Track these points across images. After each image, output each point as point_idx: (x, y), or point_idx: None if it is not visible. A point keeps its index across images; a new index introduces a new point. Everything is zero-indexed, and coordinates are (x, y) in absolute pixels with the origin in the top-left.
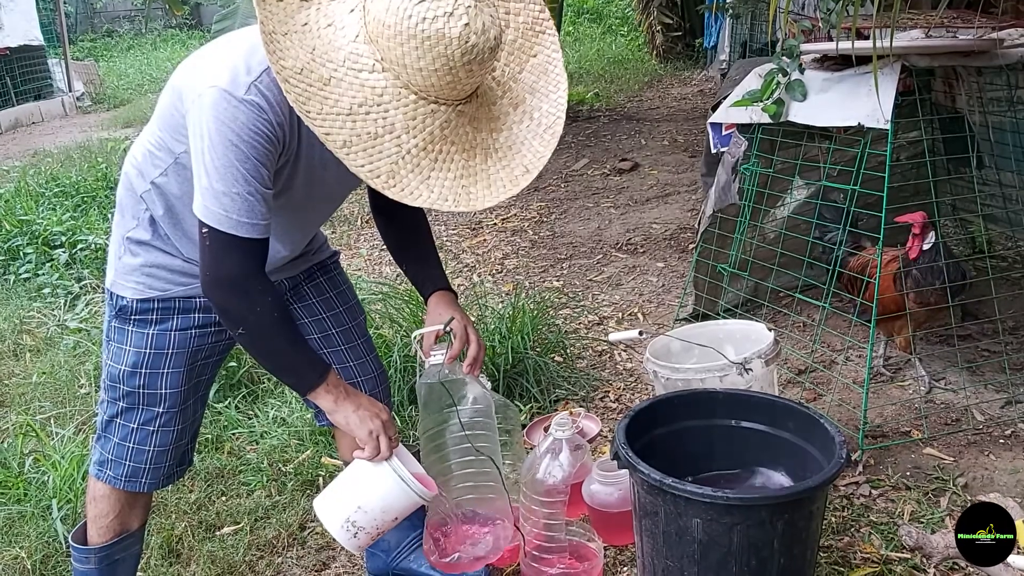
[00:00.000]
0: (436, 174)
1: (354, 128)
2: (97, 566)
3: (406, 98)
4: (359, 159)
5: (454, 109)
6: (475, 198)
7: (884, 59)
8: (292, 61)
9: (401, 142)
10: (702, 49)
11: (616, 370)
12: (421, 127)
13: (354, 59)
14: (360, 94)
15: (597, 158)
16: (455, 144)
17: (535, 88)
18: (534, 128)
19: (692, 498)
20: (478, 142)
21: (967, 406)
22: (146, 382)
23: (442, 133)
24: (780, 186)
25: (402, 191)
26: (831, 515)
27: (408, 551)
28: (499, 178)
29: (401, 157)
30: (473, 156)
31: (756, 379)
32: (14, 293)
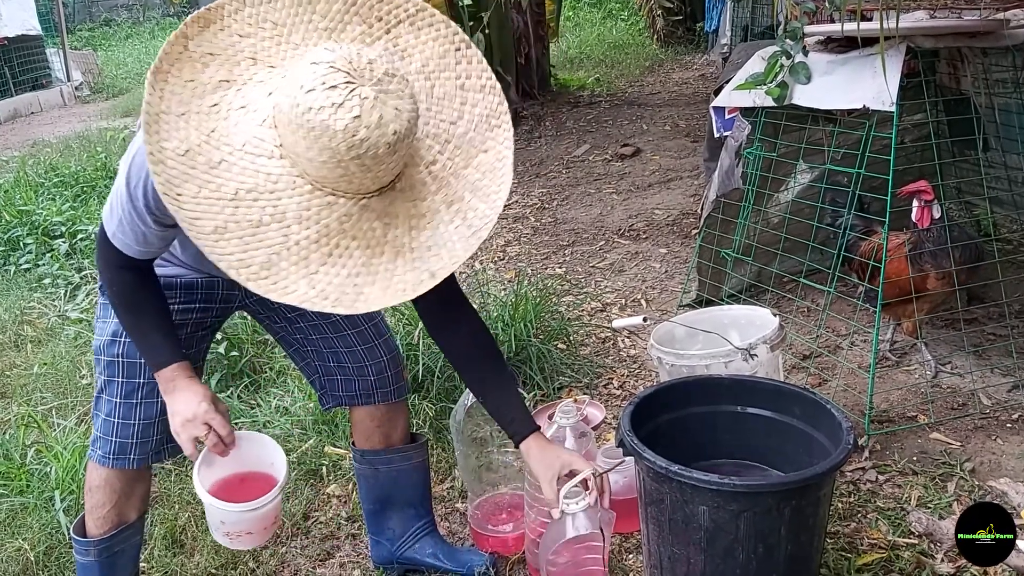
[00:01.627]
0: (327, 269)
1: (234, 214)
2: (97, 558)
3: (301, 187)
4: (229, 247)
5: (356, 203)
6: (365, 299)
7: (889, 41)
8: (177, 142)
9: (289, 232)
10: (703, 33)
11: (620, 357)
12: (316, 219)
13: (255, 143)
14: (252, 179)
15: (598, 144)
16: (357, 240)
17: (477, 186)
18: (463, 230)
19: (698, 485)
20: (389, 239)
21: (974, 390)
22: (125, 351)
23: (340, 227)
24: (784, 170)
25: (274, 284)
26: (838, 501)
27: (413, 541)
28: (403, 280)
29: (286, 248)
30: (379, 254)
31: (761, 365)
32: (14, 284)
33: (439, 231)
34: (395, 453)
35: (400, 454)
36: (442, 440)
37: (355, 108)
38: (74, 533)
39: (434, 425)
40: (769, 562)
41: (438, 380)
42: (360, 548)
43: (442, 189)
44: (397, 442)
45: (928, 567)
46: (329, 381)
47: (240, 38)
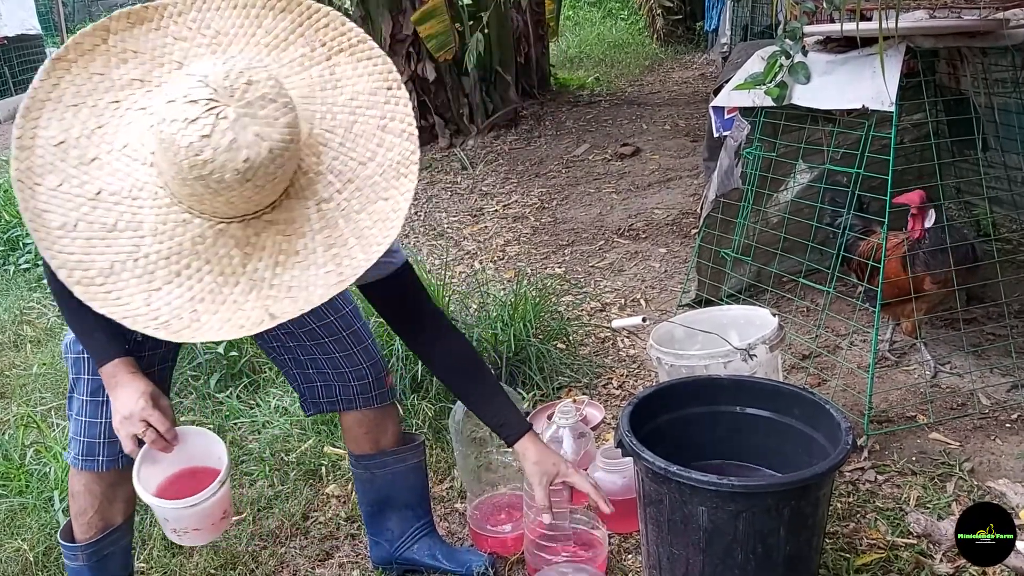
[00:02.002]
0: (170, 288)
1: (90, 214)
2: (86, 562)
3: (162, 199)
4: (73, 246)
5: (212, 226)
6: (197, 327)
7: (888, 40)
8: (55, 132)
9: (141, 243)
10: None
11: (619, 357)
12: (170, 234)
13: (136, 147)
14: (120, 182)
15: (598, 143)
16: (211, 264)
17: (364, 234)
18: (332, 277)
19: (697, 486)
20: (247, 271)
21: (973, 390)
22: None
23: (193, 248)
24: (783, 170)
25: (108, 292)
26: (837, 501)
27: (411, 541)
28: (246, 316)
29: (133, 259)
30: (233, 284)
31: (760, 365)
32: (14, 284)
33: (308, 272)
34: (390, 456)
35: (395, 456)
36: (441, 440)
37: (207, 127)
38: (61, 538)
39: (433, 425)
40: (768, 562)
41: (437, 380)
42: (359, 548)
43: (326, 229)
44: (388, 446)
45: (927, 567)
46: (309, 388)
47: (175, 40)
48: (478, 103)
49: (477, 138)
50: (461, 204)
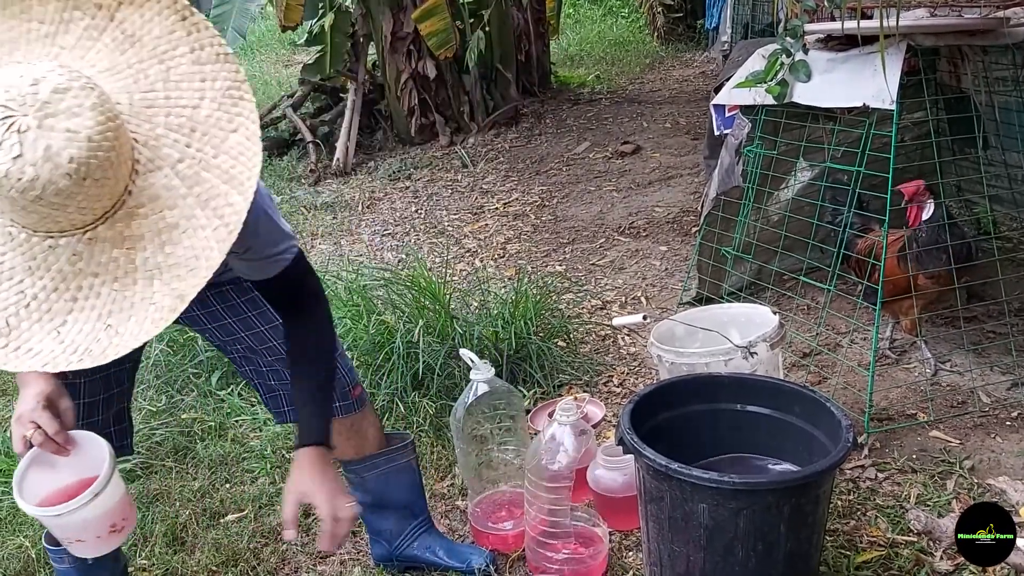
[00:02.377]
0: (75, 316)
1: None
2: (72, 564)
3: (17, 237)
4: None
5: (80, 239)
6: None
7: (889, 39)
8: None
9: (24, 287)
10: (703, 31)
11: (620, 355)
12: (45, 267)
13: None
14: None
15: (599, 141)
16: (100, 275)
17: (232, 175)
18: (222, 231)
19: (698, 483)
20: (139, 264)
21: (973, 388)
22: None
23: (74, 268)
24: (784, 168)
25: (16, 348)
26: (837, 499)
27: (411, 539)
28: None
29: (24, 306)
30: (131, 283)
31: (761, 363)
32: None
33: (198, 238)
34: (379, 458)
35: (384, 458)
36: (442, 438)
37: (15, 147)
38: (46, 541)
39: (434, 423)
40: (768, 560)
41: (438, 378)
42: (360, 545)
43: (195, 187)
44: (372, 449)
45: (927, 565)
46: (272, 398)
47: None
48: (479, 101)
49: (478, 136)
50: (462, 202)
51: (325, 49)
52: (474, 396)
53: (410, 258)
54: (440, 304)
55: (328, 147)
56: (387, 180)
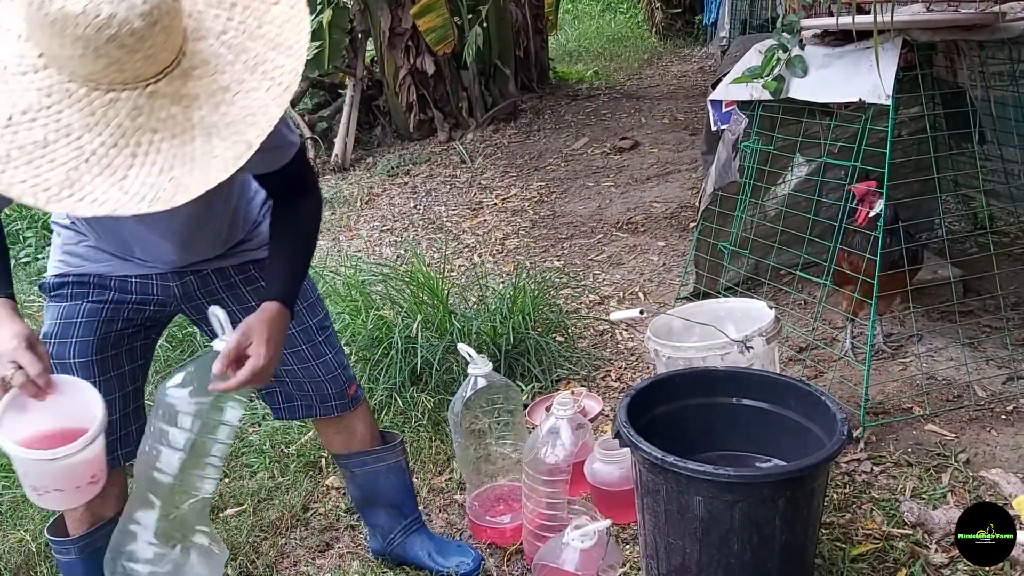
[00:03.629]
0: (136, 171)
1: (14, 140)
2: (79, 555)
3: (77, 92)
4: (19, 175)
5: (142, 93)
6: (184, 189)
7: (885, 34)
8: None
9: (82, 144)
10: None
11: (617, 349)
12: (104, 122)
13: (16, 62)
14: (24, 99)
15: (597, 137)
16: (159, 132)
17: (278, 42)
18: (275, 90)
19: (694, 476)
20: (196, 121)
21: (969, 382)
22: (54, 352)
23: (134, 123)
24: (781, 163)
25: (80, 200)
26: (833, 492)
27: (402, 537)
28: (222, 158)
29: (83, 161)
30: (191, 139)
31: (757, 357)
32: (15, 277)
33: (250, 99)
34: (367, 455)
35: (373, 456)
36: (440, 432)
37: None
38: (49, 534)
39: (432, 417)
40: (764, 552)
41: (436, 372)
42: (359, 540)
43: (240, 56)
44: (362, 447)
45: (922, 557)
46: (268, 395)
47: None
48: (477, 97)
49: (476, 132)
50: (460, 197)
51: (323, 45)
52: (472, 391)
53: (408, 253)
54: (438, 299)
55: (327, 143)
56: (385, 176)
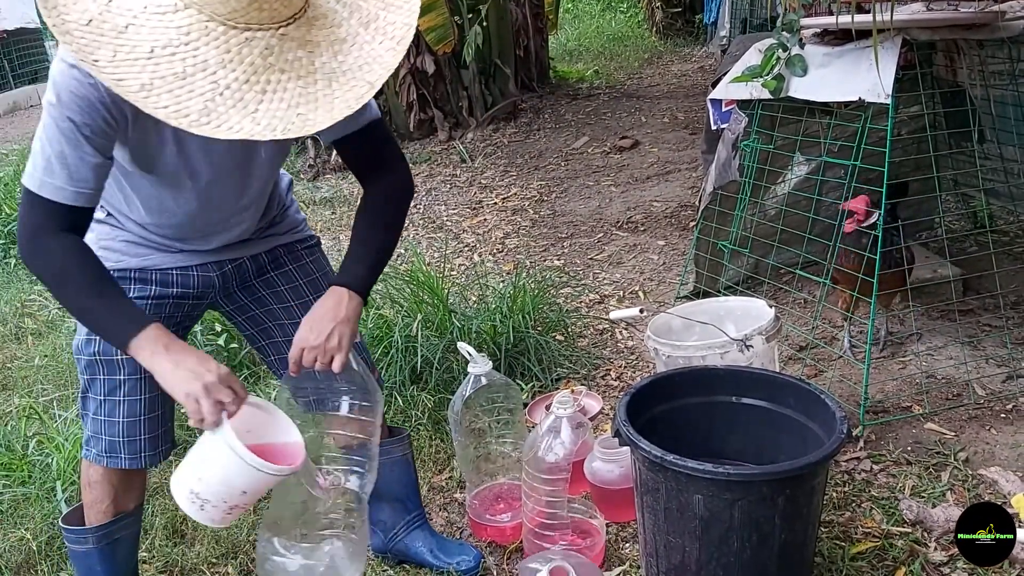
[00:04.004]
0: (266, 106)
1: (156, 71)
2: (96, 545)
3: (215, 31)
4: (162, 100)
5: (274, 34)
6: (311, 122)
7: (885, 33)
8: (78, 15)
9: (218, 78)
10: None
11: (617, 348)
12: (239, 59)
13: (156, 2)
14: (163, 36)
15: (597, 136)
16: (286, 72)
17: (388, 2)
18: (389, 44)
19: (693, 474)
20: (318, 67)
21: (968, 381)
22: (101, 348)
23: (265, 62)
24: (781, 162)
25: (218, 127)
26: (832, 490)
27: (404, 533)
28: (343, 99)
29: (219, 93)
30: (313, 82)
31: (757, 356)
32: (15, 276)
33: (364, 51)
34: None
35: (380, 448)
36: (440, 431)
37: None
38: (65, 523)
39: (432, 416)
40: (763, 550)
41: (436, 371)
42: None
43: (355, 13)
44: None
45: (921, 556)
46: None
47: None
48: (477, 96)
49: (476, 131)
50: (460, 197)
51: None
52: (472, 389)
53: (408, 253)
54: (438, 298)
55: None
56: None
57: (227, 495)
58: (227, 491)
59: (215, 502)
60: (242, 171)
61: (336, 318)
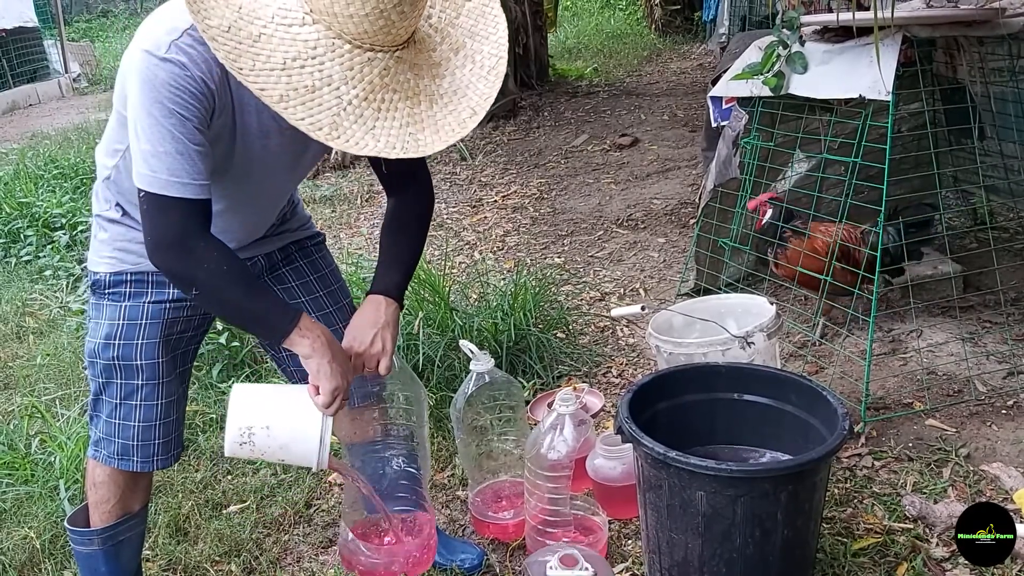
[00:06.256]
0: (381, 123)
1: (289, 82)
2: (101, 547)
3: (340, 48)
4: (298, 112)
5: (392, 56)
6: (423, 144)
7: (885, 30)
8: (218, 20)
9: (340, 93)
10: (701, 23)
11: (618, 346)
12: (359, 77)
13: (283, 15)
14: (292, 48)
15: (597, 134)
16: (398, 92)
17: (475, 32)
18: (477, 71)
19: (696, 471)
20: (421, 88)
21: (969, 377)
22: (120, 353)
23: (382, 81)
24: (781, 159)
25: (347, 142)
26: (834, 487)
27: None
28: (446, 123)
29: (343, 108)
30: (417, 103)
31: (758, 353)
32: (16, 275)
33: (456, 76)
34: (378, 445)
35: (384, 445)
36: (442, 429)
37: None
38: (71, 524)
39: (434, 414)
40: (766, 546)
41: (438, 369)
42: None
43: (445, 40)
44: (375, 436)
45: (923, 551)
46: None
47: None
48: None
49: (476, 129)
50: (460, 195)
51: None
52: (474, 387)
53: None
54: (439, 296)
55: None
56: None
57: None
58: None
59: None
60: (290, 171)
61: (377, 324)
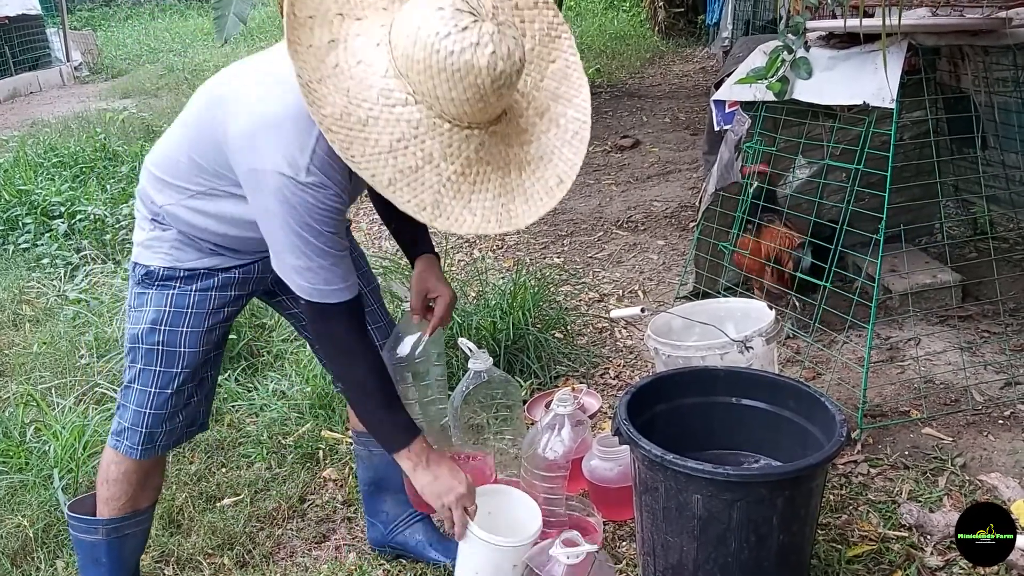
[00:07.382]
0: (476, 196)
1: (396, 164)
2: (105, 537)
3: (440, 127)
4: (404, 195)
5: (487, 131)
6: (516, 216)
7: (891, 37)
8: (331, 108)
9: (440, 171)
10: (704, 26)
11: (616, 347)
12: (457, 153)
13: (386, 95)
14: (397, 129)
15: (598, 135)
16: (490, 164)
17: (558, 94)
18: (562, 135)
19: (692, 474)
20: (511, 157)
21: (967, 386)
22: (165, 339)
23: (477, 156)
24: (783, 165)
25: (448, 219)
26: (830, 493)
27: (405, 526)
28: (535, 191)
29: (443, 185)
30: (508, 172)
31: (756, 357)
32: (13, 263)
33: (541, 141)
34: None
35: None
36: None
37: (488, 44)
38: (73, 511)
39: None
40: (761, 551)
41: None
42: (356, 532)
43: (531, 104)
44: None
45: (918, 560)
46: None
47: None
48: None
49: None
50: None
51: None
52: (472, 385)
53: None
54: None
55: None
56: None
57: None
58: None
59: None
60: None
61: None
